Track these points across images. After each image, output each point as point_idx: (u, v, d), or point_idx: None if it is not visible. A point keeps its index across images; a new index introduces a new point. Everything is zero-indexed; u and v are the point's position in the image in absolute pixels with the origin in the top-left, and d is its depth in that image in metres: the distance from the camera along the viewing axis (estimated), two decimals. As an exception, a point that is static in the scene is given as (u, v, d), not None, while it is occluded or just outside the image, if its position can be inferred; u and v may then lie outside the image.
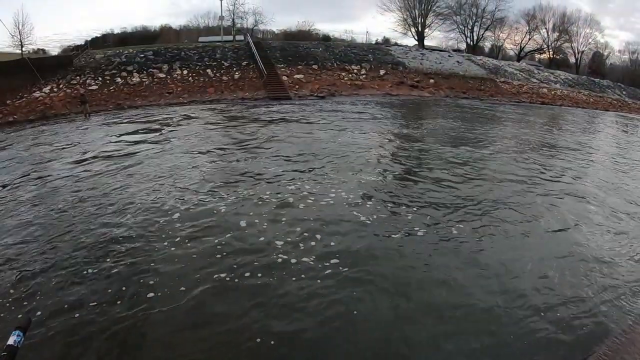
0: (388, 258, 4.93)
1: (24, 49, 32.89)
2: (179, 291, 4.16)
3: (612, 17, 71.72)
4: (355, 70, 29.00)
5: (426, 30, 42.26)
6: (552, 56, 49.14)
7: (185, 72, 25.15)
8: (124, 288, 4.23)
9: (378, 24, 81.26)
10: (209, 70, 25.57)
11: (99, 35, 42.33)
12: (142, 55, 25.84)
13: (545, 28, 46.92)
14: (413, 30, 42.31)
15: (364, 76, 28.72)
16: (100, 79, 23.81)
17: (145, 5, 63.82)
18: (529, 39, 47.24)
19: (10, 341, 1.70)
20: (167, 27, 47.61)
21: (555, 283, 4.58)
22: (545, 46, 48.27)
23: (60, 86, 22.86)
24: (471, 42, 45.19)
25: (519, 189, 7.82)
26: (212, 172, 8.15)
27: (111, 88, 23.33)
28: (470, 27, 44.92)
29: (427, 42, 42.12)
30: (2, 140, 13.50)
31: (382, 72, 29.60)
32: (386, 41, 44.97)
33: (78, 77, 23.68)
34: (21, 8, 34.39)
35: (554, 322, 3.93)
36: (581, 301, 4.31)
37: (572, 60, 48.80)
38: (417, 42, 41.37)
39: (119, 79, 24.00)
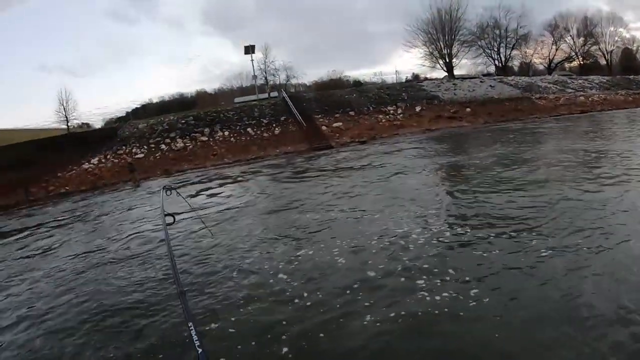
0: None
1: (69, 123, 34.86)
2: (282, 325, 4.09)
3: (632, 10, 69.70)
4: (391, 111, 28.64)
5: (453, 59, 41.98)
6: (582, 62, 47.90)
7: (226, 133, 25.55)
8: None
9: (405, 62, 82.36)
10: (249, 129, 25.86)
11: (138, 106, 44.70)
12: (184, 122, 26.55)
13: (570, 35, 46.05)
14: (441, 62, 42.19)
15: (401, 115, 28.31)
16: (145, 147, 24.50)
17: (178, 74, 67.35)
18: (556, 50, 46.31)
19: None
20: (202, 91, 50.02)
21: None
22: (573, 54, 47.20)
23: (108, 157, 23.66)
24: (500, 64, 44.47)
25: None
26: (288, 228, 7.66)
27: (157, 155, 23.91)
28: (496, 49, 44.47)
29: (456, 72, 41.89)
30: (73, 209, 13.84)
31: (418, 108, 29.16)
32: (416, 77, 45.19)
33: (124, 147, 24.49)
34: (64, 86, 36.72)
35: None
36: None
37: (603, 62, 47.53)
38: (446, 73, 41.02)
39: (163, 146, 24.61)
